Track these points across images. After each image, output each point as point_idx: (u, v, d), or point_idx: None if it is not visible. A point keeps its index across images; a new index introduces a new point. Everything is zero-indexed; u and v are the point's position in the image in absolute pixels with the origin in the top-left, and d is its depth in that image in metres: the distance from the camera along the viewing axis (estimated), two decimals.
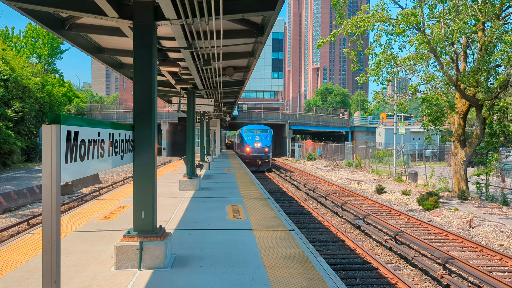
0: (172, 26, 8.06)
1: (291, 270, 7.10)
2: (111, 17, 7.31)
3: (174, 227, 10.39)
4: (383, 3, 22.81)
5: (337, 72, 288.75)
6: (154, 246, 6.99)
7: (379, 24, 23.16)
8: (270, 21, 8.87)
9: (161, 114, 66.35)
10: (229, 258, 7.74)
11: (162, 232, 7.34)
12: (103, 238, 9.15)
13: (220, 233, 9.82)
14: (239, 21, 9.54)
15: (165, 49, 11.21)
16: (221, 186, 18.97)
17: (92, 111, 71.28)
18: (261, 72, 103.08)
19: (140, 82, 7.18)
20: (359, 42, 24.87)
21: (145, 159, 7.11)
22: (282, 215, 12.04)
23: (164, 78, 15.83)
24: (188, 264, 7.37)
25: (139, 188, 7.12)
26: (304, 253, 8.15)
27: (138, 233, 7.09)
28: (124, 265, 6.94)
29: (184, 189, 17.23)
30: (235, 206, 13.53)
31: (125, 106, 78.23)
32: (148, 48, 7.20)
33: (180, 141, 78.32)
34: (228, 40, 10.44)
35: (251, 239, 9.24)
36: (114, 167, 6.13)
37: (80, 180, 25.99)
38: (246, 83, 18.85)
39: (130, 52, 11.92)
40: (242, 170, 28.57)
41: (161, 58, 11.69)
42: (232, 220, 11.30)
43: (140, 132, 7.10)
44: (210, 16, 7.84)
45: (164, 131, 67.42)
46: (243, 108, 76.89)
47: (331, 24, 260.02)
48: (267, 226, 10.58)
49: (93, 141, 5.14)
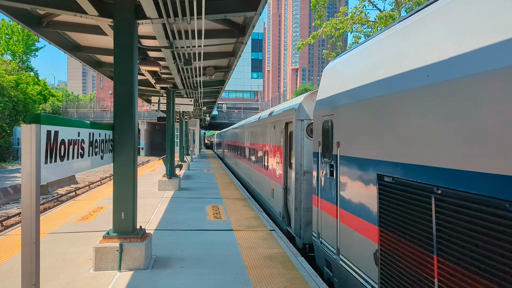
0: (153, 25, 7.99)
1: (272, 270, 7.12)
2: (90, 15, 7.21)
3: (154, 227, 10.29)
4: (362, 6, 23.13)
5: (316, 73, 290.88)
6: (134, 247, 6.91)
7: (358, 26, 23.47)
8: (252, 22, 8.89)
9: (139, 114, 65.52)
10: (211, 259, 7.71)
11: (142, 233, 7.28)
12: (81, 240, 9.00)
13: (201, 233, 9.78)
14: (221, 21, 9.53)
15: (146, 48, 11.09)
16: (201, 187, 18.88)
17: (68, 110, 69.85)
18: (241, 72, 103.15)
19: (120, 81, 7.10)
20: (338, 43, 25.14)
21: (125, 159, 7.04)
22: (262, 215, 12.07)
23: (143, 77, 15.66)
24: (169, 265, 7.31)
25: (119, 188, 7.04)
26: (285, 253, 8.19)
27: (118, 234, 7.00)
28: (103, 266, 6.84)
29: (163, 189, 17.09)
30: (215, 206, 13.50)
31: (103, 105, 76.94)
32: (129, 47, 7.13)
33: (158, 141, 77.54)
34: (209, 40, 10.41)
35: (232, 239, 9.24)
36: (94, 168, 6.04)
37: (55, 180, 25.47)
38: (227, 83, 18.81)
39: (109, 50, 11.75)
40: (222, 170, 28.49)
41: (141, 57, 11.57)
42: (213, 220, 11.27)
43: (120, 132, 7.02)
44: (192, 16, 7.80)
45: (142, 131, 66.62)
46: (222, 108, 76.75)
47: (310, 25, 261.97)
48: (247, 226, 10.59)
49: (73, 141, 5.05)
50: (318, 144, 7.48)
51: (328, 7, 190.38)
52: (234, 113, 74.99)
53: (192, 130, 47.45)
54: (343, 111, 6.23)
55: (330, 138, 6.75)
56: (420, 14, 4.35)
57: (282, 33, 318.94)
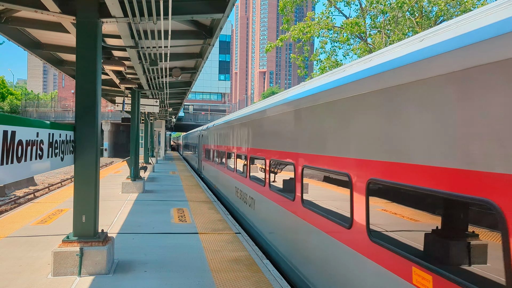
0: (118, 24, 7.83)
1: (237, 273, 7.10)
2: (52, 11, 6.98)
3: (116, 231, 10.06)
4: (328, 11, 23.51)
5: (283, 76, 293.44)
6: (96, 252, 6.72)
7: (324, 31, 23.85)
8: (220, 24, 8.86)
9: (103, 114, 64.06)
10: (175, 263, 7.60)
11: (104, 236, 7.09)
12: (39, 244, 8.67)
13: (165, 237, 9.63)
14: (188, 22, 9.45)
15: (110, 47, 10.86)
16: (166, 189, 18.62)
17: (27, 109, 67.44)
18: (208, 74, 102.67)
19: (82, 80, 6.90)
20: (305, 48, 25.45)
21: (87, 161, 6.84)
22: (228, 218, 12.02)
23: (107, 77, 15.33)
24: (131, 270, 7.15)
25: (80, 190, 6.84)
26: (251, 256, 8.18)
27: (78, 238, 6.79)
28: (62, 272, 6.61)
29: (127, 191, 16.74)
30: (180, 209, 13.34)
31: (64, 104, 74.70)
32: (92, 46, 6.94)
33: (122, 142, 76.03)
34: (176, 40, 10.31)
35: (197, 242, 9.15)
36: (54, 169, 5.84)
37: (13, 182, 24.48)
38: (193, 84, 18.67)
39: (72, 49, 11.42)
40: (188, 173, 28.23)
41: (105, 56, 11.32)
42: (178, 223, 11.13)
43: (82, 132, 6.82)
44: (158, 16, 7.69)
45: (106, 132, 65.16)
46: (189, 110, 76.11)
47: (278, 29, 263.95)
48: (213, 229, 10.52)
49: (31, 141, 4.86)
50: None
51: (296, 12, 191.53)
52: (201, 114, 74.49)
53: (158, 131, 46.82)
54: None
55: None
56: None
57: (250, 36, 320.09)
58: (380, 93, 4.39)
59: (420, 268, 3.65)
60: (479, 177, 3.07)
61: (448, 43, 3.54)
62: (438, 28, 4.24)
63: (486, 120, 3.05)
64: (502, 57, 2.92)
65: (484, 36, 3.14)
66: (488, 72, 3.04)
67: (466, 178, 3.20)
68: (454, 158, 3.31)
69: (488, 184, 3.00)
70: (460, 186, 3.25)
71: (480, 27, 3.29)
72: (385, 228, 4.30)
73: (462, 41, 3.37)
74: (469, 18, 3.76)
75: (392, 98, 4.14)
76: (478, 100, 3.12)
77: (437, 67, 3.55)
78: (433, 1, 20.99)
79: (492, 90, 3.01)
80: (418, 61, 3.80)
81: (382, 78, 4.38)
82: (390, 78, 4.22)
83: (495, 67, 2.98)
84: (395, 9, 21.24)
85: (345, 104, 5.17)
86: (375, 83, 4.52)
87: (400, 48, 4.62)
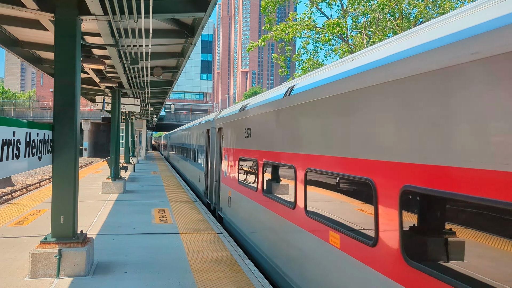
0: (98, 22, 7.72)
1: (219, 273, 7.07)
2: (30, 8, 6.83)
3: (96, 232, 9.92)
4: (310, 12, 23.65)
5: (265, 76, 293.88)
6: (74, 253, 6.62)
7: (306, 32, 23.97)
8: (201, 23, 8.82)
9: (82, 113, 63.13)
10: (156, 263, 7.54)
11: (83, 237, 6.98)
12: (16, 245, 8.49)
13: (146, 237, 9.54)
14: (170, 21, 9.37)
15: (90, 46, 10.70)
16: (146, 189, 18.45)
17: (4, 108, 66.02)
18: (190, 73, 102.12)
19: (61, 79, 6.78)
20: (287, 48, 25.55)
21: (66, 161, 6.73)
22: (210, 218, 11.98)
23: (87, 75, 15.09)
24: (111, 271, 7.06)
25: (59, 191, 6.72)
26: (232, 256, 8.16)
27: (56, 239, 6.67)
28: (40, 273, 6.48)
29: (107, 192, 16.53)
30: (161, 209, 13.24)
31: (43, 103, 73.37)
32: (71, 44, 6.82)
33: (103, 142, 75.04)
34: (157, 39, 10.21)
35: (179, 243, 9.09)
36: (32, 169, 5.73)
37: None
38: (175, 83, 18.54)
39: (50, 46, 11.21)
40: (169, 173, 28.03)
41: (85, 54, 11.14)
42: (159, 224, 11.04)
43: (60, 132, 6.70)
44: (139, 14, 7.60)
45: (85, 131, 64.22)
46: (170, 109, 75.55)
47: (260, 29, 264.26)
48: (195, 229, 10.47)
49: (7, 141, 4.75)
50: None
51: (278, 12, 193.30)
52: (182, 114, 74.04)
53: (139, 131, 46.36)
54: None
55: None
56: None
57: (232, 36, 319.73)
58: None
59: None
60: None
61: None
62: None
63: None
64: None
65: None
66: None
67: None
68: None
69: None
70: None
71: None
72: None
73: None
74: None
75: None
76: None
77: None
78: (413, 4, 21.32)
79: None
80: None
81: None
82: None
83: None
84: (376, 10, 21.50)
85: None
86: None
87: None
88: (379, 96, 4.13)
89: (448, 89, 3.20)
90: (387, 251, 3.89)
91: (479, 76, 2.91)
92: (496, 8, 3.02)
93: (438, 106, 3.30)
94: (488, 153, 2.80)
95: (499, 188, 2.69)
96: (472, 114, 2.95)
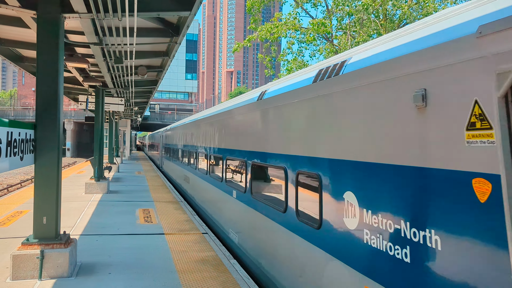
0: (82, 20, 7.62)
1: (204, 274, 7.05)
2: (11, 5, 6.72)
3: (80, 232, 9.79)
4: (295, 12, 23.73)
5: (250, 76, 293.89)
6: (57, 254, 6.52)
7: (292, 32, 24.05)
8: (186, 22, 8.77)
9: (65, 113, 62.27)
10: (140, 264, 7.47)
11: (66, 238, 6.88)
12: None
13: (130, 238, 9.45)
14: (154, 20, 9.30)
15: (73, 44, 10.55)
16: (131, 189, 18.28)
17: None
18: (175, 72, 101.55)
19: (44, 78, 6.67)
20: (273, 48, 25.59)
21: (48, 161, 6.62)
22: (195, 218, 11.93)
23: (70, 74, 14.88)
24: (95, 272, 6.97)
25: (41, 191, 6.61)
26: (218, 256, 8.14)
27: (39, 240, 6.56)
28: (22, 275, 6.37)
29: (90, 192, 16.33)
30: (146, 210, 13.13)
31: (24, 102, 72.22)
32: (53, 42, 6.72)
33: (86, 142, 74.11)
34: (142, 38, 10.12)
35: (163, 243, 9.03)
36: (13, 169, 5.62)
37: None
38: (160, 83, 18.42)
39: (32, 45, 11.03)
40: (154, 173, 27.83)
41: (68, 53, 10.98)
42: (143, 224, 10.95)
43: (43, 131, 6.59)
44: (124, 13, 7.53)
45: (68, 131, 63.40)
46: (155, 109, 75.02)
47: (245, 29, 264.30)
48: (179, 230, 10.41)
49: None
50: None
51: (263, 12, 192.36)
52: (167, 114, 73.60)
53: (123, 131, 45.94)
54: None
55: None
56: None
57: (217, 35, 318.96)
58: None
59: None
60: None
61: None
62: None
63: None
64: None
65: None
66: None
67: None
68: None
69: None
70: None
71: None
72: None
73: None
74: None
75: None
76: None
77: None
78: (397, 5, 21.56)
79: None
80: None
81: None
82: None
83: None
84: (361, 11, 21.68)
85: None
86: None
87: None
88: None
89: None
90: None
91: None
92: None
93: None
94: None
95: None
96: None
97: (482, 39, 2.67)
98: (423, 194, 3.16)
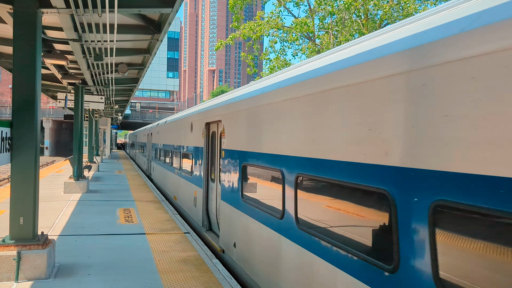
0: (60, 15, 7.44)
1: (186, 274, 6.97)
2: None
3: (58, 233, 9.58)
4: (278, 11, 23.74)
5: (233, 75, 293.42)
6: (35, 255, 6.35)
7: (274, 31, 24.06)
8: (168, 19, 8.66)
9: (43, 111, 61.00)
10: (121, 265, 7.34)
11: (44, 239, 6.71)
12: None
13: (111, 238, 9.30)
14: (136, 16, 9.15)
15: (51, 40, 10.30)
16: (111, 189, 18.02)
17: None
18: (156, 71, 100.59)
19: (20, 75, 6.49)
20: (255, 46, 25.55)
21: (25, 160, 6.45)
22: (177, 217, 11.81)
23: (48, 71, 14.56)
24: (74, 273, 6.82)
25: (18, 191, 6.43)
26: (200, 255, 8.07)
27: (15, 241, 6.39)
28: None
29: (69, 191, 16.02)
30: (126, 209, 12.95)
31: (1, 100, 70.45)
32: (31, 38, 6.54)
33: (65, 140, 72.86)
34: (122, 35, 9.96)
35: (145, 243, 8.90)
36: None
37: None
38: (141, 81, 18.20)
39: (9, 40, 10.74)
40: (135, 172, 27.52)
41: (46, 49, 10.71)
42: (124, 224, 10.79)
43: (19, 129, 6.41)
44: (104, 8, 7.38)
45: (47, 129, 62.12)
46: (136, 107, 74.14)
47: (228, 27, 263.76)
48: (161, 229, 10.29)
49: None
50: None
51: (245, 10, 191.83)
52: (148, 112, 72.84)
53: (103, 129, 45.31)
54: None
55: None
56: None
57: (199, 34, 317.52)
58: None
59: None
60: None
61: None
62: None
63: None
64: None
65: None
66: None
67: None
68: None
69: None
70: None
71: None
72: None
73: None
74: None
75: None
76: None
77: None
78: (378, 5, 21.75)
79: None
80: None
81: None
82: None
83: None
84: (342, 11, 21.81)
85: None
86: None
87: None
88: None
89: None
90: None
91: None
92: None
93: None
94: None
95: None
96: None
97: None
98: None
